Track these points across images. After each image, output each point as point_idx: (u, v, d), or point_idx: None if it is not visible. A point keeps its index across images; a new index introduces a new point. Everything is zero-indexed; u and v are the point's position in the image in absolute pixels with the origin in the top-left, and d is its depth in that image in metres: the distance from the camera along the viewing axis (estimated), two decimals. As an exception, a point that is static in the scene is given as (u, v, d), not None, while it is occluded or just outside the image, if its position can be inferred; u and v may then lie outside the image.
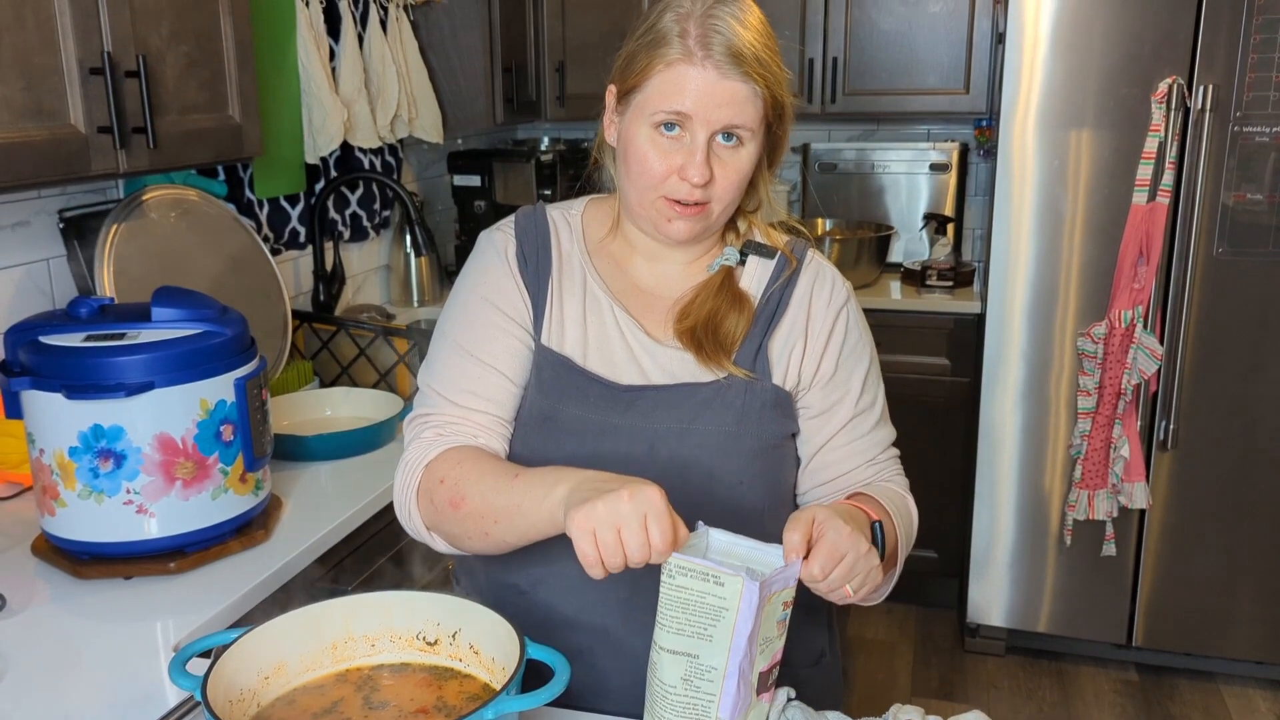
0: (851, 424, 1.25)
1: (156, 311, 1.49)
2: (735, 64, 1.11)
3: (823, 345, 1.23)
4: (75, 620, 1.38)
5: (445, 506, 1.14)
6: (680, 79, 1.12)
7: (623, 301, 1.24)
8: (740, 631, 0.94)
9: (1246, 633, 2.92)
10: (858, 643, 3.26)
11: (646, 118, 1.14)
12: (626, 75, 1.17)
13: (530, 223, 1.28)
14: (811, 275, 1.26)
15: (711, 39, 1.11)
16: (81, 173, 1.54)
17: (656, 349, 1.21)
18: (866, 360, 1.27)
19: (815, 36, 3.33)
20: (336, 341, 2.38)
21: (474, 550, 1.17)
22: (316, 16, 2.49)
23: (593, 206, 1.31)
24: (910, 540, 1.26)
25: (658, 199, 1.16)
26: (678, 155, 1.14)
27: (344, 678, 1.05)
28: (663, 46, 1.13)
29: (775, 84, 1.15)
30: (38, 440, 1.44)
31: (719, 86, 1.11)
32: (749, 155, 1.16)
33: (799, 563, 0.99)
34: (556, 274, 1.24)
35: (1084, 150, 2.73)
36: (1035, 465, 2.95)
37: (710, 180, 1.14)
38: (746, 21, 1.13)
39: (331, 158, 2.71)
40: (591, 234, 1.28)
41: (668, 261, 1.26)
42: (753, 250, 1.26)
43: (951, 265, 3.28)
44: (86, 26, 1.52)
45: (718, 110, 1.12)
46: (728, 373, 1.19)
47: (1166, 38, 2.61)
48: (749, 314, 1.21)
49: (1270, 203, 2.64)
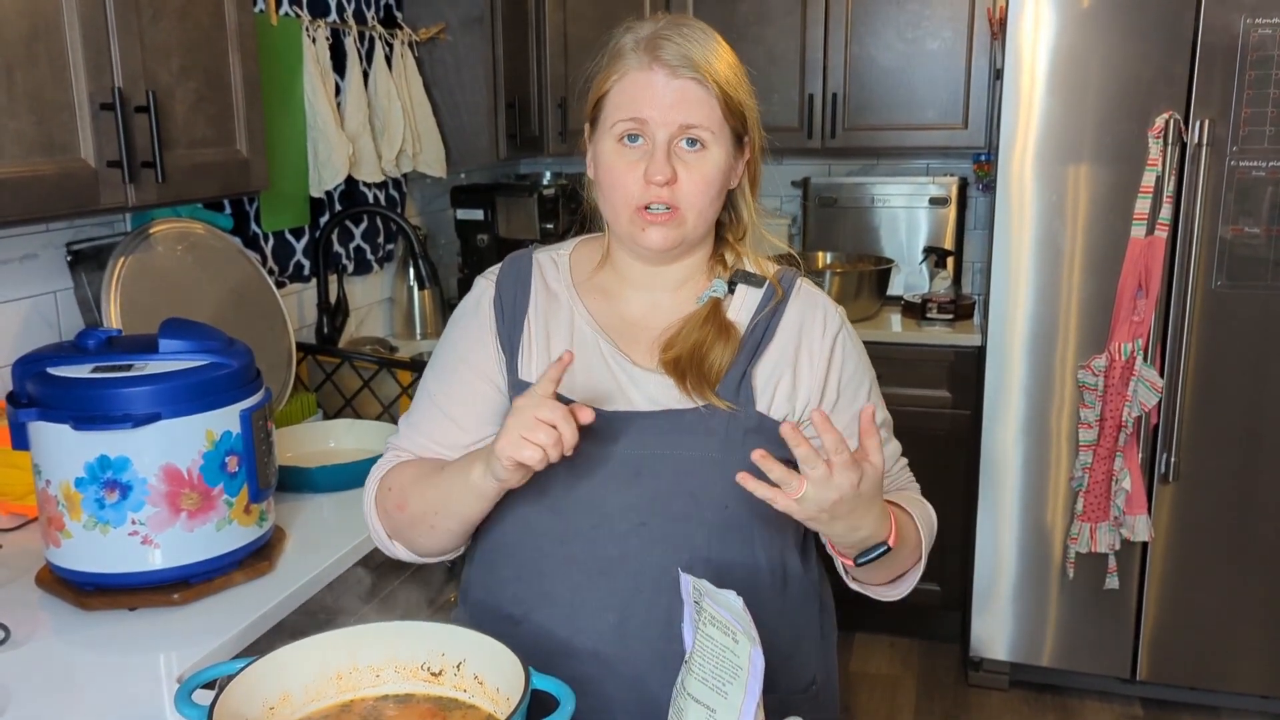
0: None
1: (163, 343, 1.50)
2: (685, 64, 1.16)
3: (823, 375, 1.25)
4: (79, 652, 1.37)
5: (394, 511, 1.25)
6: (633, 85, 1.17)
7: (609, 333, 1.26)
8: (751, 693, 0.94)
9: (1251, 666, 2.90)
10: (860, 677, 3.25)
11: (609, 132, 1.19)
12: (590, 96, 1.23)
13: (513, 267, 1.32)
14: (801, 304, 1.28)
15: (662, 46, 1.16)
16: (90, 206, 1.55)
17: (641, 375, 1.23)
18: (868, 381, 1.30)
19: (815, 72, 3.37)
20: (340, 374, 2.39)
21: (431, 547, 1.25)
22: (323, 53, 2.53)
23: (583, 246, 1.34)
24: (932, 536, 1.29)
25: (633, 213, 1.19)
26: (643, 162, 1.18)
27: (349, 708, 1.05)
28: (618, 59, 1.19)
29: (729, 86, 1.18)
30: (44, 471, 1.44)
31: (670, 86, 1.16)
32: (714, 160, 1.19)
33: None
34: (535, 312, 1.27)
35: (1082, 185, 2.75)
36: (1037, 498, 2.95)
37: (675, 180, 1.17)
38: (697, 36, 1.18)
39: (336, 192, 2.73)
40: (579, 271, 1.31)
41: (657, 290, 1.28)
42: (741, 279, 1.28)
43: (951, 298, 3.30)
44: (98, 63, 1.54)
45: (672, 110, 1.16)
46: (708, 402, 1.20)
47: (1162, 73, 2.64)
48: (734, 345, 1.23)
49: (1267, 236, 2.66)
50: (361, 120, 2.65)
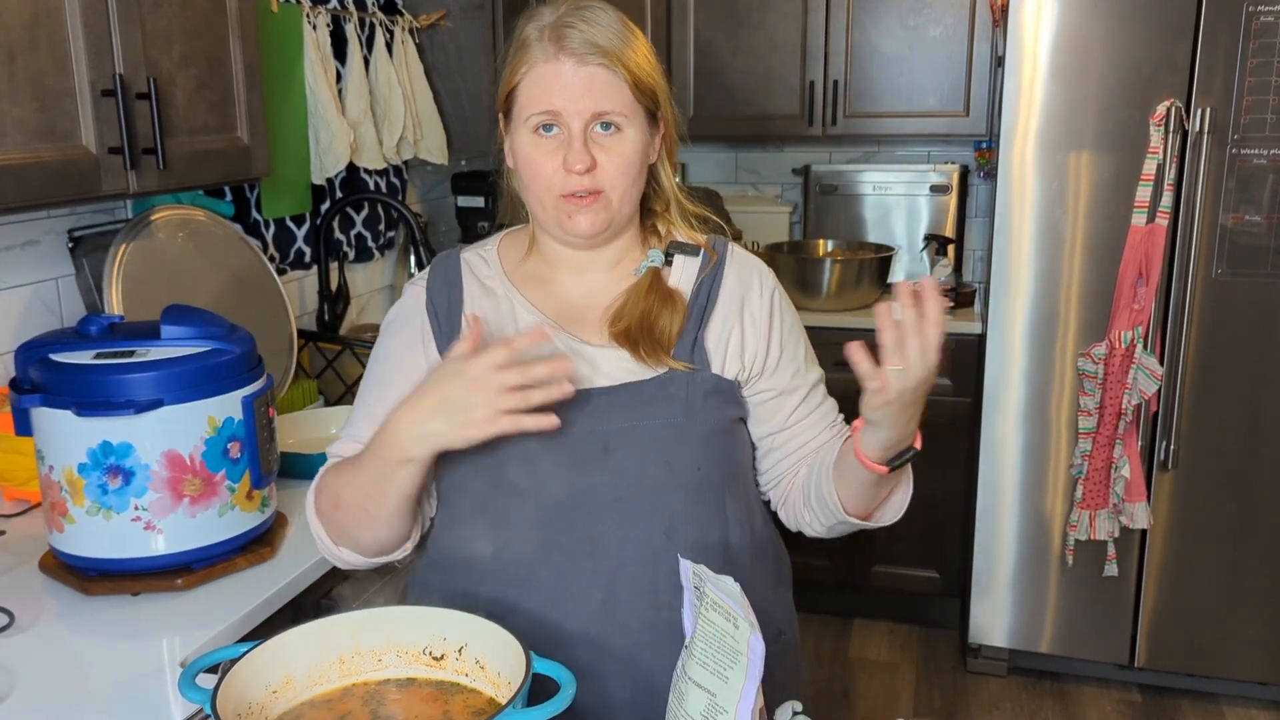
0: (809, 396, 1.31)
1: (165, 330, 1.51)
2: (591, 51, 1.17)
3: (766, 333, 1.28)
4: (82, 637, 1.38)
5: (331, 510, 1.23)
6: (543, 77, 1.18)
7: (553, 317, 1.26)
8: (752, 679, 0.94)
9: (1249, 653, 2.92)
10: (859, 663, 3.26)
11: (524, 124, 1.20)
12: (501, 92, 1.23)
13: (442, 270, 1.31)
14: (737, 267, 1.30)
15: (566, 34, 1.17)
16: (92, 193, 1.56)
17: (594, 352, 1.23)
18: (802, 337, 1.34)
19: (816, 60, 3.36)
20: (341, 361, 2.39)
21: (373, 542, 1.23)
22: (323, 39, 2.52)
23: (508, 239, 1.35)
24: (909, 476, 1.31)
25: (556, 200, 1.20)
26: (560, 151, 1.18)
27: (351, 692, 1.06)
28: (524, 51, 1.19)
29: (637, 68, 1.19)
30: (47, 457, 1.45)
31: (579, 74, 1.17)
32: (631, 140, 1.20)
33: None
34: (473, 310, 1.27)
35: (1083, 172, 2.75)
36: (1036, 485, 2.96)
37: (595, 166, 1.18)
38: (600, 19, 1.19)
39: (337, 179, 2.73)
40: (510, 263, 1.31)
41: (593, 271, 1.29)
42: (677, 250, 1.30)
43: (952, 286, 3.30)
44: (99, 50, 1.54)
45: (583, 98, 1.17)
46: (667, 368, 1.22)
47: (1164, 61, 2.64)
48: (682, 310, 1.25)
49: (1268, 224, 2.66)
50: (363, 107, 2.65)
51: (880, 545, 3.32)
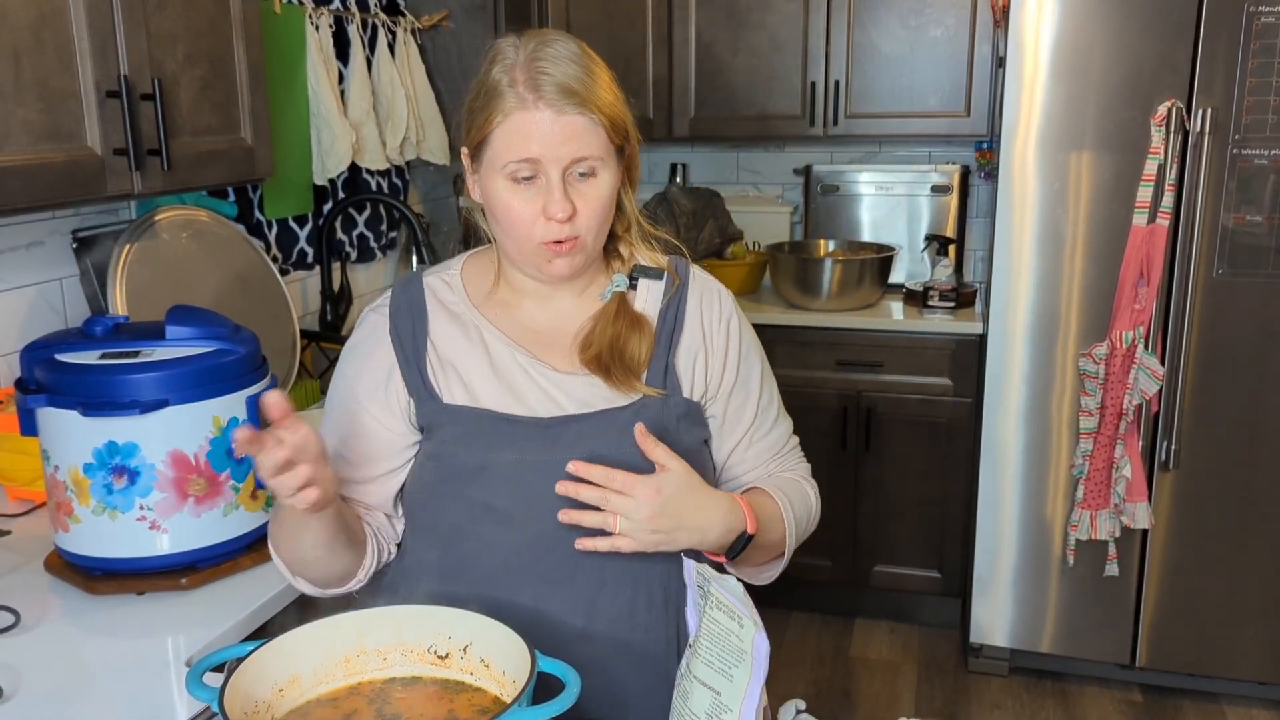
0: (756, 424, 1.32)
1: (170, 330, 1.51)
2: (568, 99, 1.14)
3: (723, 357, 1.29)
4: (87, 636, 1.39)
5: (274, 548, 1.25)
6: (520, 126, 1.15)
7: (523, 344, 1.25)
8: (756, 677, 0.95)
9: (1250, 653, 2.92)
10: (860, 662, 3.27)
11: (500, 171, 1.18)
12: (471, 133, 1.21)
13: (405, 295, 1.30)
14: (699, 290, 1.31)
15: (540, 81, 1.14)
16: (97, 194, 1.56)
17: (565, 380, 1.23)
18: (759, 362, 1.34)
19: (817, 60, 3.37)
20: (344, 361, 2.39)
21: (317, 577, 1.24)
22: (326, 40, 2.53)
23: (471, 262, 1.33)
24: (811, 521, 1.33)
25: (536, 246, 1.19)
26: (539, 198, 1.17)
27: (356, 690, 1.06)
28: (497, 98, 1.16)
29: (611, 110, 1.18)
30: (52, 457, 1.45)
31: (557, 124, 1.15)
32: (606, 182, 1.20)
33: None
34: (439, 336, 1.26)
35: (1084, 172, 2.75)
36: (1037, 485, 2.96)
37: (574, 214, 1.18)
38: (569, 57, 1.17)
39: (339, 179, 2.74)
40: (475, 289, 1.30)
41: (559, 299, 1.29)
42: (641, 273, 1.30)
43: (953, 286, 3.30)
44: (104, 51, 1.54)
45: (562, 147, 1.15)
46: (640, 394, 1.22)
47: (1165, 61, 2.64)
48: (649, 334, 1.25)
49: (1269, 224, 2.66)
50: (365, 108, 2.65)
51: (881, 545, 3.33)
